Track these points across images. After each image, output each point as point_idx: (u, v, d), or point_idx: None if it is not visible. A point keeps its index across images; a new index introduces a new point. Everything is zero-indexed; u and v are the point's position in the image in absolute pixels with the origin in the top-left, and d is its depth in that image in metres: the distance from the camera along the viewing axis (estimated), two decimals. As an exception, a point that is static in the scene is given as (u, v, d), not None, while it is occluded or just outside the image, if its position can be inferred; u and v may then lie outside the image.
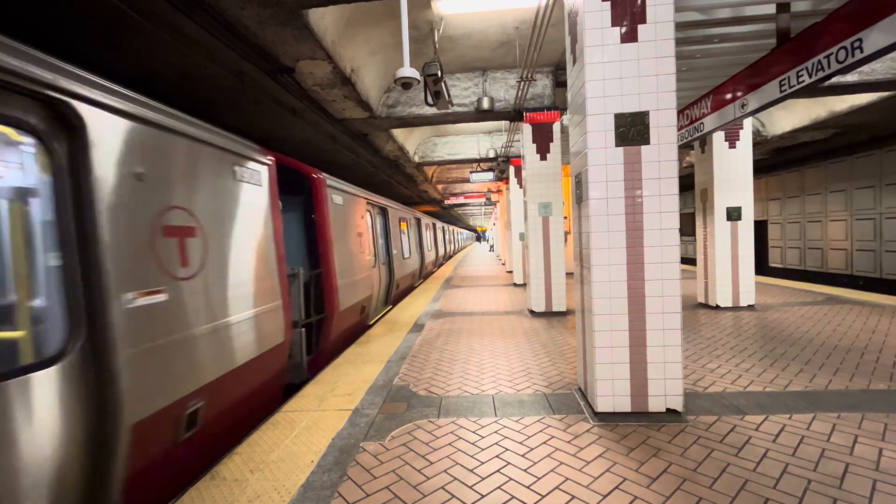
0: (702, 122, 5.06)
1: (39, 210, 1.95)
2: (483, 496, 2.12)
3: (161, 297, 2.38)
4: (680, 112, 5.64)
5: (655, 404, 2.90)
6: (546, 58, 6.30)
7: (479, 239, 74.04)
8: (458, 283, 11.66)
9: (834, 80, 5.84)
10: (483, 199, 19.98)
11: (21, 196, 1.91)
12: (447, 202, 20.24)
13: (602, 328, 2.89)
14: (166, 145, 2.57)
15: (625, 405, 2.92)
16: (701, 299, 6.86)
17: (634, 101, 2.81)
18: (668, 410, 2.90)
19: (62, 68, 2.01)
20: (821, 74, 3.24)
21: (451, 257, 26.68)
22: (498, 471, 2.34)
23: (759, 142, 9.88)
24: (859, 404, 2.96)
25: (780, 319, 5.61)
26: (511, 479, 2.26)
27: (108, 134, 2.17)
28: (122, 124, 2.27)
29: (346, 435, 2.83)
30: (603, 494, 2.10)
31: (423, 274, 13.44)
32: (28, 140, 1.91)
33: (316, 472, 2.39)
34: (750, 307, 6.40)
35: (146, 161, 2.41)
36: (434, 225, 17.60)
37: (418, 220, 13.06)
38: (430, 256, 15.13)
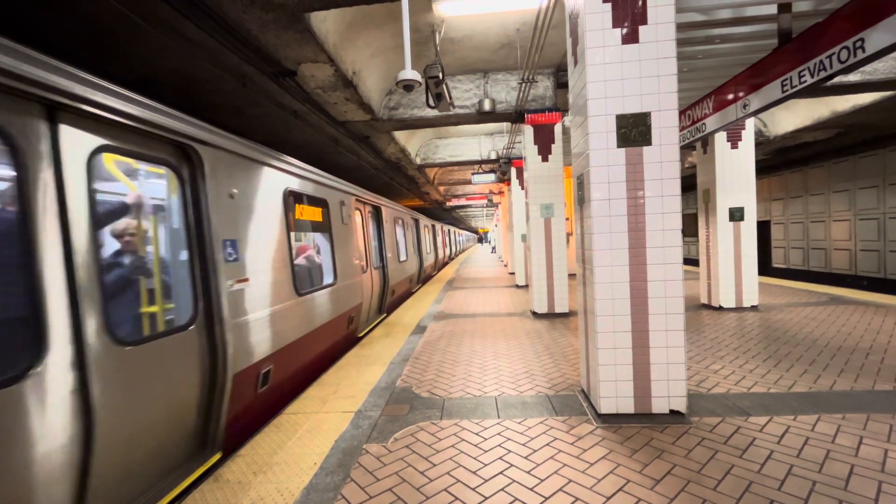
0: (704, 123, 5.06)
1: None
2: (486, 498, 2.12)
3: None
4: (682, 113, 5.63)
5: (659, 406, 2.89)
6: (547, 59, 6.31)
7: (481, 240, 74.10)
8: (460, 284, 11.65)
9: (836, 79, 5.83)
10: (485, 201, 20.00)
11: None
12: (449, 204, 20.26)
13: (605, 329, 2.88)
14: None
15: (628, 407, 2.91)
16: (704, 300, 6.83)
17: (636, 103, 2.81)
18: (672, 412, 2.89)
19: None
20: (823, 74, 3.23)
21: (444, 266, 21.44)
22: (501, 472, 2.34)
23: (762, 142, 9.86)
24: (864, 405, 2.95)
25: (783, 320, 5.58)
26: (514, 480, 2.26)
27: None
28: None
29: (348, 437, 2.83)
30: (606, 496, 2.09)
31: (386, 306, 8.09)
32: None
33: (319, 475, 2.39)
34: (753, 308, 6.38)
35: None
36: (417, 223, 12.14)
37: (376, 211, 7.87)
38: (405, 270, 9.76)
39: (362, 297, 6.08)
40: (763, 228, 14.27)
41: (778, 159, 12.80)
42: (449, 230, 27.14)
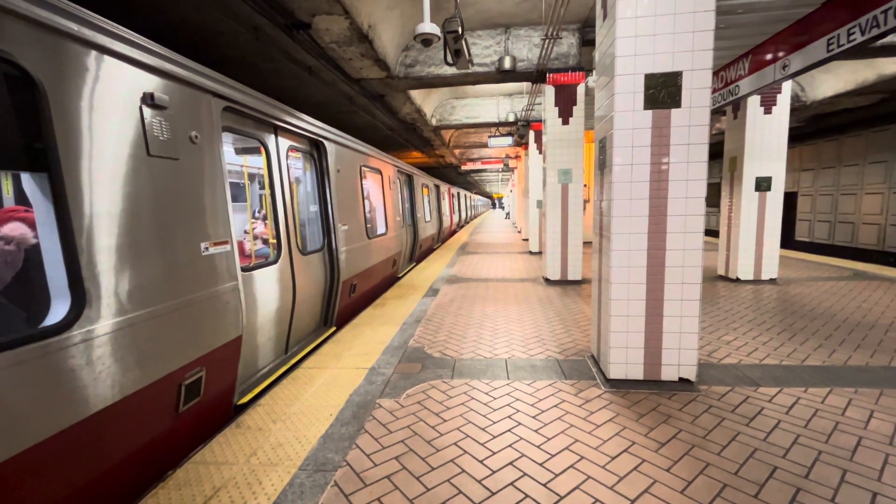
0: (737, 85, 4.78)
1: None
2: (494, 453, 2.20)
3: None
4: (714, 74, 5.31)
5: (668, 373, 2.91)
6: (573, 14, 5.94)
7: (494, 206, 73.73)
8: (473, 249, 11.66)
9: (888, 38, 5.38)
10: (500, 166, 19.60)
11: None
12: (464, 167, 19.93)
13: (619, 297, 2.87)
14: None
15: (637, 373, 2.94)
16: (721, 272, 6.72)
17: (667, 61, 2.64)
18: (681, 380, 2.91)
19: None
20: (875, 32, 2.98)
21: (452, 234, 18.68)
22: (509, 430, 2.42)
23: (798, 108, 9.30)
24: (878, 381, 2.92)
25: (801, 294, 5.48)
26: (522, 438, 2.34)
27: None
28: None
29: (363, 391, 2.94)
30: (611, 457, 2.15)
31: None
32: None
33: (334, 425, 2.51)
34: (772, 281, 6.26)
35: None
36: (410, 181, 9.36)
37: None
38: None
39: None
40: (788, 200, 13.76)
41: (812, 127, 12.12)
42: (458, 193, 23.62)
